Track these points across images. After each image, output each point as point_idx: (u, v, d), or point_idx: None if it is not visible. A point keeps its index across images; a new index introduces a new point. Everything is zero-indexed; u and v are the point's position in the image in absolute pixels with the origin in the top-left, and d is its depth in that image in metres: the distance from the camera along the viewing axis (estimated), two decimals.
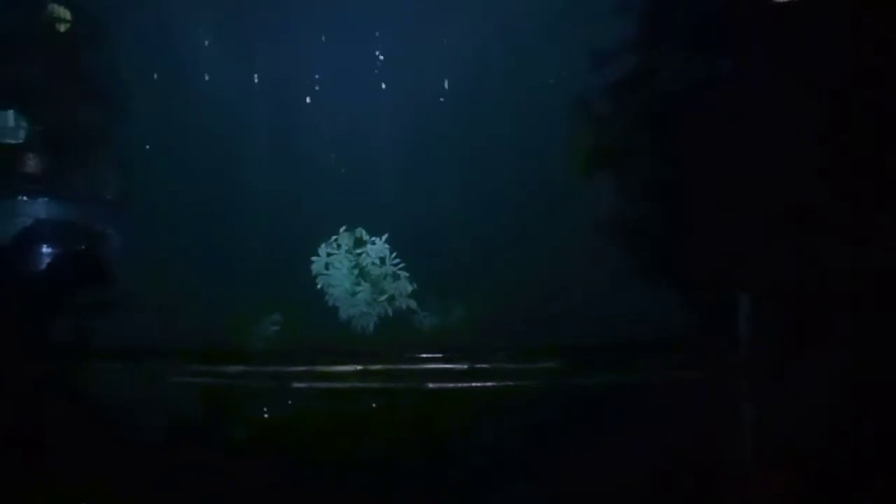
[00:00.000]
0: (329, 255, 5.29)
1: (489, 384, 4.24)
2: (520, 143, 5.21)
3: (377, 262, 5.32)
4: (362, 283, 5.27)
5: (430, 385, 4.11)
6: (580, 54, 4.79)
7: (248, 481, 3.96)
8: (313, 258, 5.20)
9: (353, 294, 5.27)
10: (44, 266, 2.93)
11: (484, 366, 4.25)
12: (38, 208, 2.79)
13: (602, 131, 5.01)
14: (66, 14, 2.93)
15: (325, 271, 5.28)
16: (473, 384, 4.19)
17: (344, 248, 5.29)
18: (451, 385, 4.13)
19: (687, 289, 4.71)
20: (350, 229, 5.30)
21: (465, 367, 4.28)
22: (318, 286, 5.21)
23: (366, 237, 5.40)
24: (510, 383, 4.21)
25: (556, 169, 4.92)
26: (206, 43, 3.97)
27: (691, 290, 4.71)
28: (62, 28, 2.93)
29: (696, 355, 4.47)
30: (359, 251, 5.39)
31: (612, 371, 4.44)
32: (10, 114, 2.78)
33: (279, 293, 5.01)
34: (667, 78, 4.93)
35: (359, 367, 4.22)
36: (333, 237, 5.15)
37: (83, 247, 3.00)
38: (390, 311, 5.28)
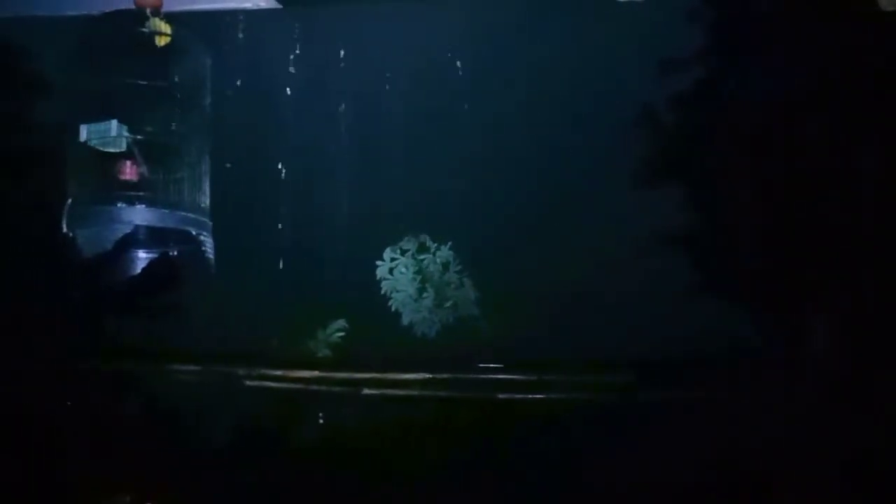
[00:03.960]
0: (393, 259, 5.36)
1: (557, 396, 4.24)
2: (584, 154, 5.19)
3: (440, 268, 5.37)
4: (427, 288, 5.33)
5: (500, 395, 4.14)
6: (646, 63, 4.75)
7: (319, 486, 4.05)
8: (378, 262, 5.28)
9: (417, 300, 5.33)
10: (137, 270, 3.03)
11: (552, 377, 4.26)
12: (135, 215, 2.88)
13: (667, 142, 4.96)
14: (165, 28, 3.03)
15: (389, 276, 5.35)
16: (541, 396, 4.21)
17: (409, 253, 5.35)
18: (519, 396, 4.16)
19: (756, 303, 4.64)
20: (414, 235, 5.37)
21: (534, 378, 4.29)
22: (382, 291, 5.29)
23: (430, 243, 5.45)
24: (578, 396, 4.21)
25: (621, 180, 4.88)
26: (291, 57, 4.07)
27: (760, 305, 4.64)
28: (162, 41, 3.03)
29: (766, 371, 4.40)
30: (422, 257, 5.45)
31: (680, 386, 4.40)
32: (114, 123, 2.89)
33: (344, 297, 5.10)
34: (736, 87, 4.86)
35: (428, 376, 4.28)
36: (403, 240, 5.22)
37: (173, 252, 3.10)
38: (452, 319, 5.33)
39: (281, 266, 4.72)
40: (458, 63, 4.71)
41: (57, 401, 4.18)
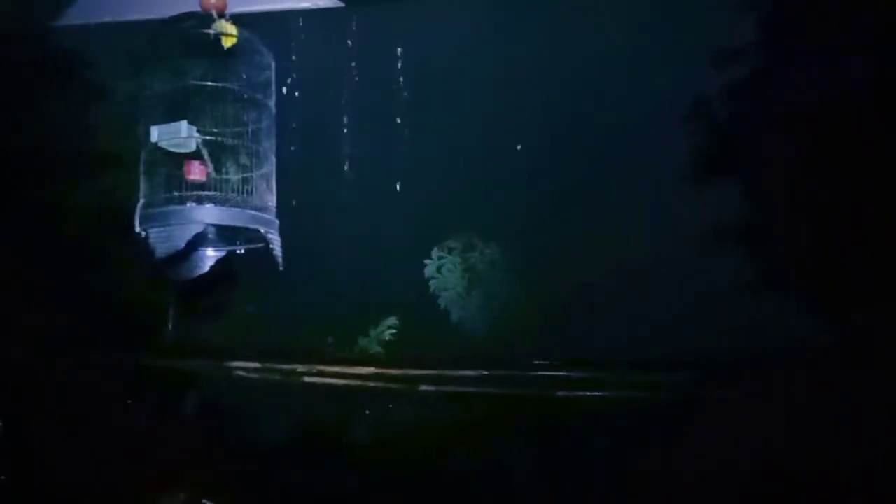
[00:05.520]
0: (440, 258, 5.39)
1: (612, 394, 4.21)
2: (634, 151, 5.13)
3: (488, 266, 5.39)
4: (474, 286, 5.35)
5: (559, 393, 4.13)
6: (700, 54, 4.69)
7: (377, 482, 4.07)
8: (426, 261, 5.31)
9: (465, 298, 5.35)
10: (206, 268, 3.08)
11: (608, 375, 4.23)
12: (205, 214, 2.93)
13: (724, 134, 4.89)
14: (231, 29, 3.07)
15: (437, 274, 5.38)
16: (596, 393, 4.18)
17: (456, 251, 5.38)
18: (579, 393, 4.14)
19: (818, 301, 4.56)
20: (462, 233, 5.39)
21: (590, 375, 4.27)
22: (431, 289, 5.33)
23: (477, 241, 5.47)
24: (634, 394, 4.18)
25: (674, 176, 4.83)
26: (351, 55, 4.11)
27: (823, 302, 4.55)
28: (228, 43, 3.07)
29: (830, 370, 4.32)
30: (469, 255, 5.47)
31: (736, 384, 4.34)
32: (183, 124, 2.94)
33: (395, 296, 5.13)
34: (792, 79, 4.77)
35: (483, 373, 4.28)
36: (450, 239, 5.25)
37: (241, 250, 3.14)
38: (501, 316, 5.33)
39: (336, 265, 4.76)
40: (511, 62, 4.70)
41: (119, 397, 4.26)
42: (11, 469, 4.09)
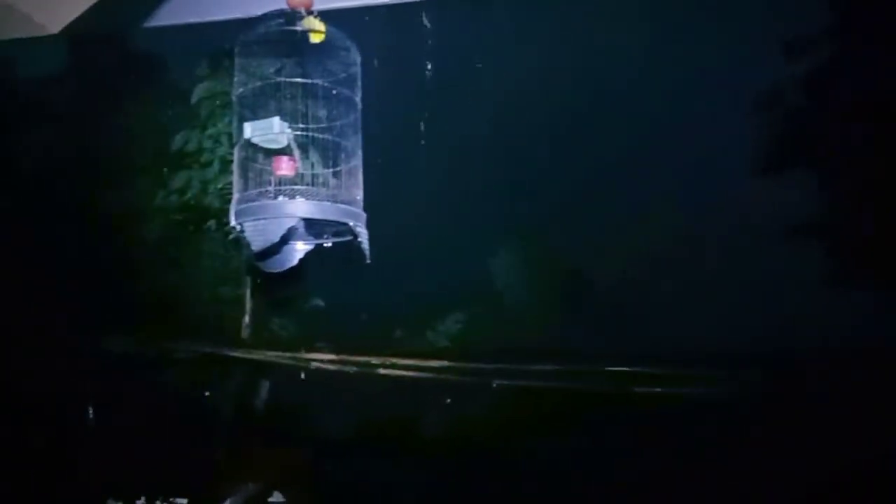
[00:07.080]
0: (507, 255, 5.42)
1: (686, 390, 4.18)
2: (705, 142, 5.07)
3: (554, 263, 5.39)
4: (541, 283, 5.35)
5: (637, 389, 4.11)
6: (772, 44, 4.60)
7: (450, 472, 4.11)
8: (491, 258, 5.33)
9: (531, 294, 5.36)
10: (296, 261, 3.13)
11: (685, 372, 4.19)
12: (296, 207, 2.97)
13: (797, 127, 4.81)
14: (319, 26, 3.10)
15: (503, 271, 5.40)
16: (675, 390, 4.15)
17: (522, 249, 5.40)
18: (657, 390, 4.11)
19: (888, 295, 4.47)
20: (528, 231, 5.40)
21: (663, 371, 4.23)
22: (497, 287, 5.35)
23: (543, 239, 5.47)
24: (709, 390, 4.14)
25: (747, 167, 4.76)
26: (433, 52, 4.13)
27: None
28: (316, 39, 3.11)
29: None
30: (535, 252, 5.47)
31: (811, 380, 4.27)
32: (276, 120, 2.98)
33: (461, 292, 5.15)
34: (866, 68, 4.67)
35: (557, 367, 4.28)
36: (514, 236, 5.26)
37: (328, 244, 3.19)
38: (569, 313, 5.33)
39: (405, 261, 4.80)
40: (589, 62, 4.67)
41: (199, 387, 4.36)
42: (98, 452, 4.22)
